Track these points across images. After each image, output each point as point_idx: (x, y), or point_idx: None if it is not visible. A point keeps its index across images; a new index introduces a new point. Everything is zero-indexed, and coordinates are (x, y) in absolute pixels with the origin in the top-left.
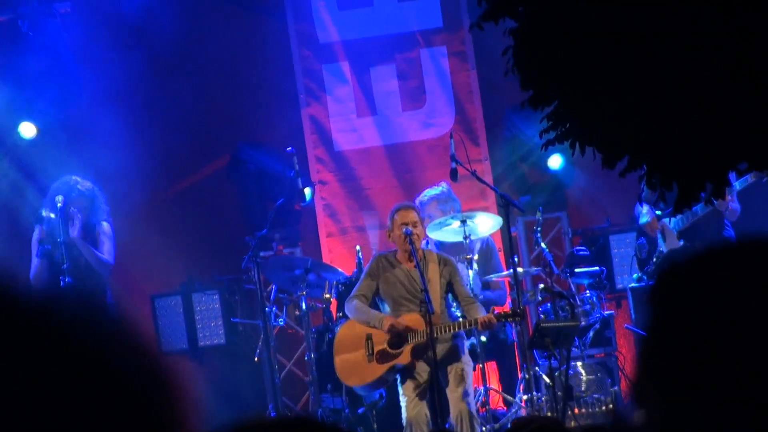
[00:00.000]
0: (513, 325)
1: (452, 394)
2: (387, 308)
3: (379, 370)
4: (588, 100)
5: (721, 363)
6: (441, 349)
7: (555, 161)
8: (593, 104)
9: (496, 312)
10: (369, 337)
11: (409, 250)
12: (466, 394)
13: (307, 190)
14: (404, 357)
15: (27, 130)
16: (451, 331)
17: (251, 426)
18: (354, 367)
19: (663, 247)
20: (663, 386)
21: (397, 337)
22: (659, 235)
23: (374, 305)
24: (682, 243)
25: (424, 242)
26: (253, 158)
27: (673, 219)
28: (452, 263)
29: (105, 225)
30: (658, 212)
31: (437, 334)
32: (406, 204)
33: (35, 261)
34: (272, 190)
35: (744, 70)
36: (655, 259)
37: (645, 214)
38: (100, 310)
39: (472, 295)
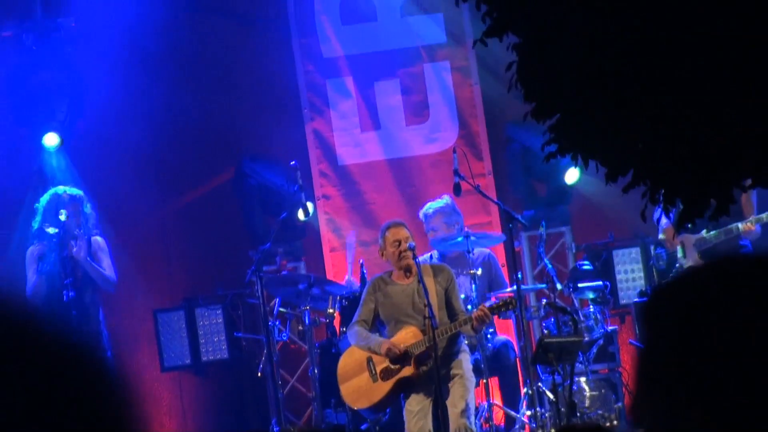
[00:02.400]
0: (516, 342)
1: (453, 409)
2: (388, 329)
3: (385, 387)
4: (590, 114)
5: (714, 380)
6: (444, 363)
7: (571, 176)
8: (596, 118)
9: (488, 305)
10: (369, 360)
11: (405, 266)
12: (466, 410)
13: (309, 205)
14: (408, 369)
15: (50, 140)
16: (448, 333)
17: None
18: (360, 390)
19: (682, 261)
20: (658, 403)
21: (397, 359)
22: (679, 250)
23: (376, 328)
24: (702, 261)
25: (427, 255)
26: (255, 173)
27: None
28: (447, 271)
29: (100, 240)
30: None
31: (436, 338)
32: (396, 221)
33: (33, 277)
34: (275, 204)
35: (748, 86)
36: (673, 273)
37: (663, 224)
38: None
39: (465, 311)
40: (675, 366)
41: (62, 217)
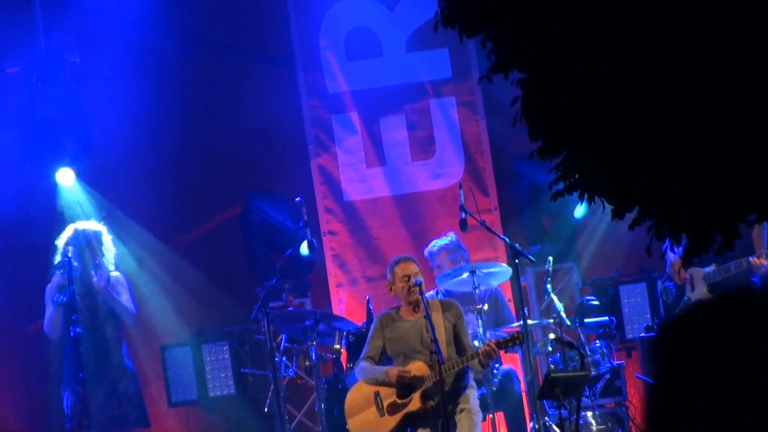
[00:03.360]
0: (521, 376)
1: None
2: (396, 365)
3: (393, 421)
4: (595, 151)
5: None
6: (451, 398)
7: (579, 210)
8: (601, 156)
9: (495, 340)
10: (377, 394)
11: (413, 301)
12: None
13: (304, 245)
14: (414, 403)
15: (65, 177)
16: (455, 368)
17: None
18: (368, 424)
19: (690, 295)
20: None
21: (405, 388)
22: (687, 284)
23: (383, 365)
24: (710, 296)
25: (433, 291)
26: (258, 209)
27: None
28: (456, 307)
29: (118, 274)
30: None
31: (443, 373)
32: (405, 256)
33: (50, 308)
34: (278, 241)
35: (751, 121)
36: (680, 307)
37: (671, 258)
38: None
39: (473, 346)
40: (682, 400)
41: (69, 254)
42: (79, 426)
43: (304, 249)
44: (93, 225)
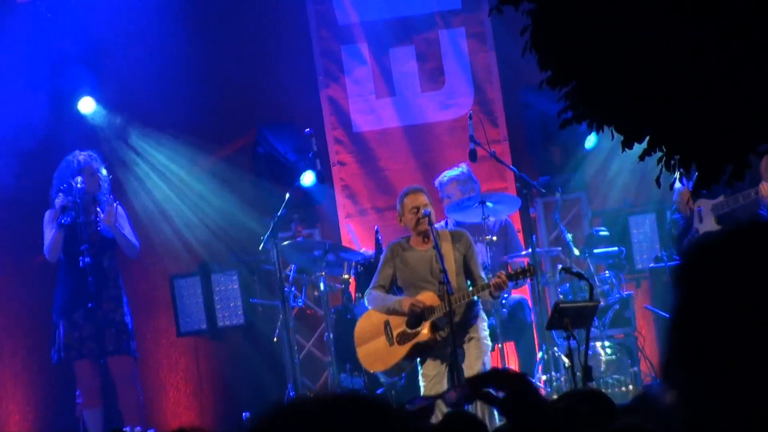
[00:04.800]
0: (531, 306)
1: (468, 371)
2: (406, 295)
3: (401, 351)
4: (605, 81)
5: (748, 344)
6: (460, 328)
7: (590, 141)
8: (611, 85)
9: (506, 272)
10: (387, 323)
11: (423, 232)
12: (482, 372)
13: (306, 176)
14: (424, 333)
15: (86, 105)
16: (465, 299)
17: (306, 403)
18: (377, 353)
19: (698, 226)
20: (690, 367)
21: (415, 318)
22: (695, 216)
23: (393, 294)
24: (718, 227)
25: (443, 222)
26: (265, 141)
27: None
28: (466, 238)
29: (118, 208)
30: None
31: (453, 304)
32: (414, 187)
33: (51, 232)
34: (282, 173)
35: (763, 50)
36: (688, 240)
37: (678, 188)
38: None
39: (483, 276)
40: (711, 332)
41: (78, 185)
42: (78, 354)
43: (305, 180)
44: (87, 153)
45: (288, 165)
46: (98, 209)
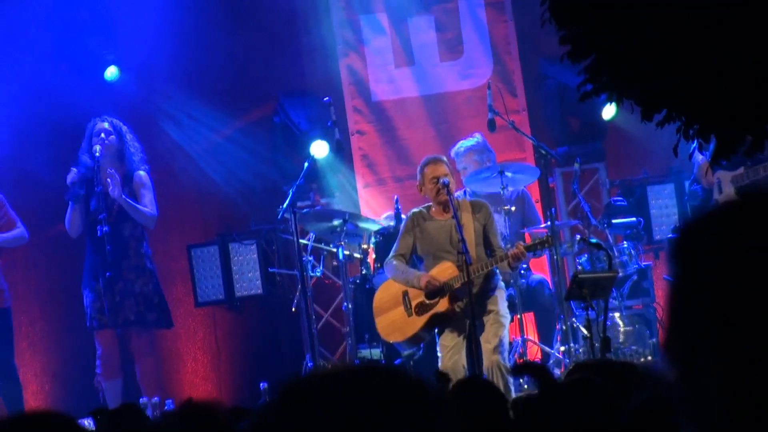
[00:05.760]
0: (551, 287)
1: (486, 345)
2: (425, 264)
3: (420, 321)
4: (625, 52)
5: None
6: (479, 299)
7: (608, 112)
8: (630, 56)
9: (524, 244)
10: (405, 294)
11: (443, 201)
12: (499, 345)
13: (316, 146)
14: (442, 304)
15: (111, 73)
16: (484, 269)
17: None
18: (395, 324)
19: (718, 198)
20: (688, 341)
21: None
22: (715, 187)
23: (413, 263)
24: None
25: (461, 192)
26: (282, 110)
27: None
28: (487, 208)
29: (143, 174)
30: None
31: (472, 274)
32: (435, 157)
33: (69, 206)
34: (295, 142)
35: None
36: None
37: (699, 160)
38: None
39: (502, 246)
40: (704, 303)
41: (96, 153)
42: (99, 324)
43: (316, 150)
44: (115, 121)
45: (299, 134)
46: (108, 180)
